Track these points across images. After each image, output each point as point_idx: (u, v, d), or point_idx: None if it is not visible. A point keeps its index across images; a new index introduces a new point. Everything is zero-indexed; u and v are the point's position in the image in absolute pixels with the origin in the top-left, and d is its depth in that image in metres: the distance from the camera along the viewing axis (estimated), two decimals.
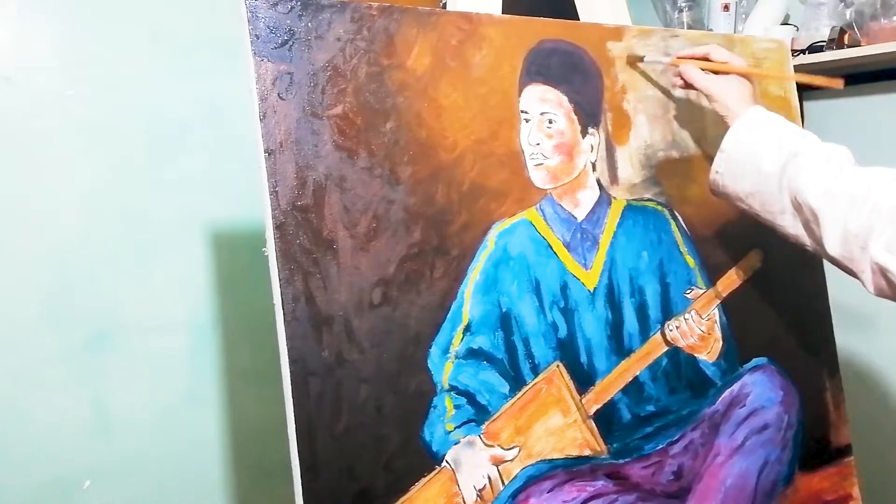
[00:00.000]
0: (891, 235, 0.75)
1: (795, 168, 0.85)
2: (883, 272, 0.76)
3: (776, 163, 0.87)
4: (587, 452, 0.92)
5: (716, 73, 0.97)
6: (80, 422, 1.24)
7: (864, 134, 1.68)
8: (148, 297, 1.30)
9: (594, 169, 0.98)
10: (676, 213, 1.04)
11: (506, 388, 0.87)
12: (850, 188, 0.81)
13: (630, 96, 1.02)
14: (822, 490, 1.11)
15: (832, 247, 0.81)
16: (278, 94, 0.77)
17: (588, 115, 0.97)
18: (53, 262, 1.21)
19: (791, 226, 0.87)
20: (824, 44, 1.59)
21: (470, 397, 0.85)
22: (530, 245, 0.91)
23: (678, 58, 1.00)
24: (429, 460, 0.82)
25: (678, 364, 1.00)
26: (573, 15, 1.12)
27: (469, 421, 0.85)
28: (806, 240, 0.87)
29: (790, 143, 0.87)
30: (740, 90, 0.95)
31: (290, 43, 0.78)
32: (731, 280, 1.06)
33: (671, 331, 1.00)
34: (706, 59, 0.98)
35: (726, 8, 1.78)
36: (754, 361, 1.07)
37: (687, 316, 1.02)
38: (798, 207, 0.85)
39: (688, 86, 0.99)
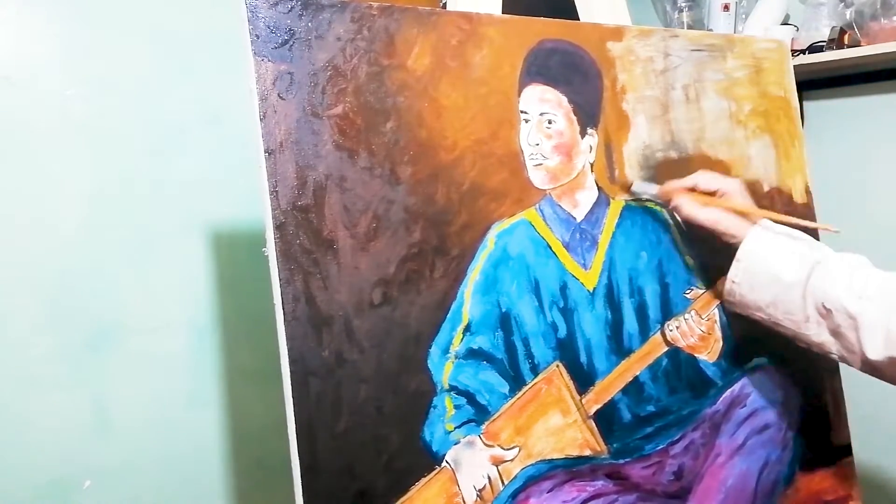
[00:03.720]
0: None
1: (821, 276, 0.86)
2: None
3: (798, 272, 0.87)
4: (587, 452, 0.92)
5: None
6: (80, 422, 1.24)
7: (864, 134, 1.68)
8: (148, 297, 1.30)
9: (592, 169, 0.98)
10: (675, 214, 1.04)
11: (505, 388, 0.87)
12: (886, 290, 0.82)
13: (629, 97, 1.02)
14: (822, 490, 1.10)
15: (874, 351, 0.81)
16: (278, 94, 0.77)
17: (587, 116, 0.97)
18: (53, 262, 1.21)
19: (815, 334, 0.87)
20: (824, 44, 1.59)
21: (470, 397, 0.85)
22: (530, 245, 0.91)
23: (665, 191, 0.98)
24: (429, 460, 0.82)
25: (678, 364, 1.00)
26: (573, 15, 1.12)
27: (469, 421, 0.85)
28: (832, 347, 0.87)
29: (809, 251, 0.89)
30: (745, 205, 0.96)
31: (291, 43, 0.78)
32: None
33: (671, 331, 1.00)
34: (695, 189, 0.97)
35: (726, 8, 1.78)
36: (755, 361, 1.07)
37: (687, 316, 1.02)
38: (825, 315, 0.85)
39: (688, 222, 0.97)
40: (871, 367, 0.84)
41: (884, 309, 0.81)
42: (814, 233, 1.05)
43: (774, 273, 0.89)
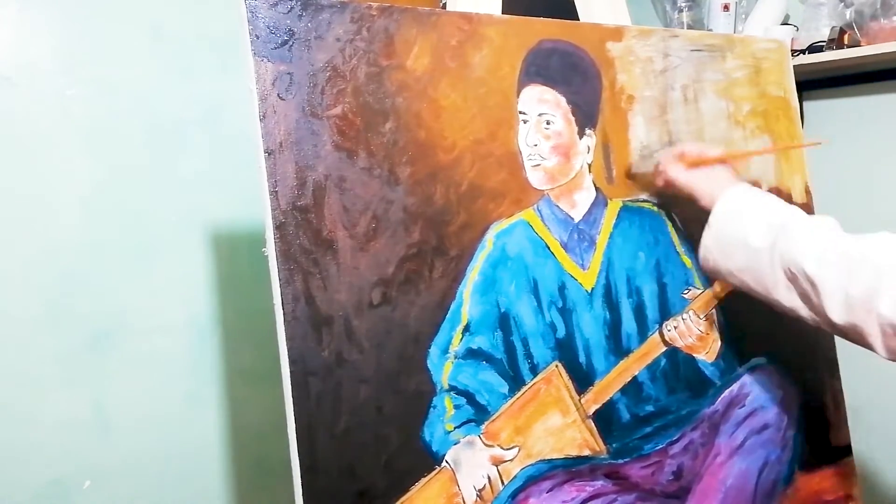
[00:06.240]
0: None
1: (786, 240, 0.84)
2: (895, 330, 0.75)
3: (765, 237, 0.86)
4: (586, 452, 0.92)
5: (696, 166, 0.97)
6: (80, 422, 1.24)
7: (864, 134, 1.68)
8: (148, 297, 1.30)
9: (590, 170, 0.98)
10: (673, 214, 1.04)
11: (505, 388, 0.88)
12: (846, 253, 0.80)
13: (628, 97, 1.02)
14: (822, 490, 1.11)
15: (835, 314, 0.79)
16: (278, 95, 0.77)
17: (585, 116, 0.97)
18: (54, 262, 1.21)
19: (786, 299, 0.86)
20: (824, 44, 1.59)
21: (469, 397, 0.85)
22: (528, 245, 0.91)
23: (658, 166, 1.00)
24: (429, 460, 0.82)
25: (677, 364, 1.00)
26: (573, 15, 1.12)
27: (469, 421, 0.85)
28: (804, 311, 0.85)
29: (777, 216, 0.88)
30: (719, 174, 0.96)
31: (290, 43, 0.79)
32: None
33: (669, 331, 1.00)
34: (682, 157, 0.98)
35: (726, 8, 1.78)
36: (753, 361, 1.07)
37: (685, 316, 1.02)
38: (793, 279, 0.84)
39: (669, 185, 0.98)
40: (837, 331, 0.82)
41: (842, 273, 0.79)
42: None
43: (742, 239, 0.88)
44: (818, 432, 1.11)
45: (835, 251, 0.81)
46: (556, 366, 0.91)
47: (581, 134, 0.97)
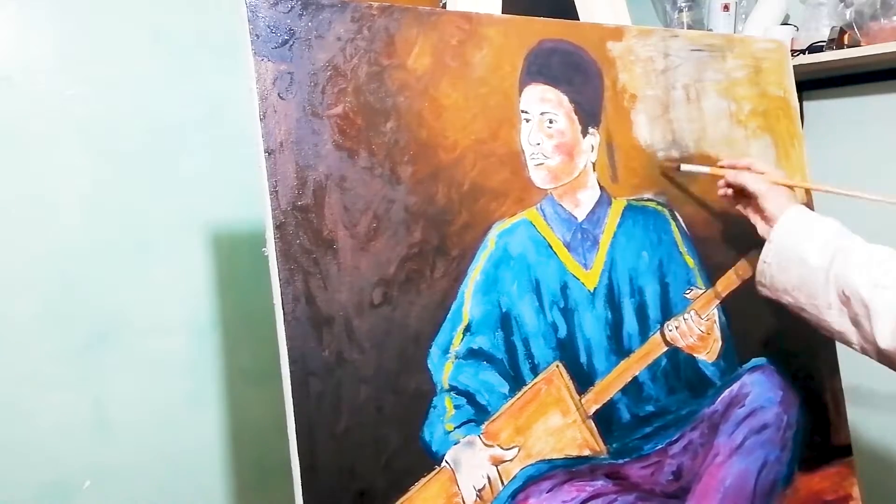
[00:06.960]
0: None
1: (843, 262, 0.86)
2: None
3: (823, 256, 0.88)
4: (586, 452, 0.92)
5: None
6: (80, 422, 1.24)
7: (864, 134, 1.68)
8: (148, 297, 1.30)
9: (594, 169, 0.98)
10: (676, 214, 1.04)
11: (505, 388, 0.87)
12: None
13: (630, 96, 1.02)
14: (822, 490, 1.10)
15: (884, 339, 0.80)
16: (278, 94, 0.77)
17: (588, 115, 0.97)
18: (54, 262, 1.21)
19: (837, 322, 0.87)
20: (824, 44, 1.59)
21: (470, 397, 0.85)
22: (530, 245, 0.91)
23: (719, 166, 1.02)
24: (428, 460, 0.82)
25: (677, 364, 1.00)
26: (573, 15, 1.12)
27: (469, 421, 0.85)
28: (853, 337, 0.86)
29: (836, 237, 0.89)
30: (779, 193, 0.97)
31: (291, 42, 0.78)
32: (730, 280, 1.06)
33: (670, 331, 1.00)
34: (748, 170, 1.00)
35: (726, 8, 1.78)
36: (753, 361, 1.07)
37: (686, 316, 1.02)
38: (846, 302, 0.85)
39: (735, 190, 1.00)
40: (884, 358, 0.83)
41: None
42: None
43: (801, 255, 0.90)
44: (818, 432, 1.11)
45: (890, 278, 0.82)
46: (557, 366, 0.91)
47: (584, 132, 0.97)
